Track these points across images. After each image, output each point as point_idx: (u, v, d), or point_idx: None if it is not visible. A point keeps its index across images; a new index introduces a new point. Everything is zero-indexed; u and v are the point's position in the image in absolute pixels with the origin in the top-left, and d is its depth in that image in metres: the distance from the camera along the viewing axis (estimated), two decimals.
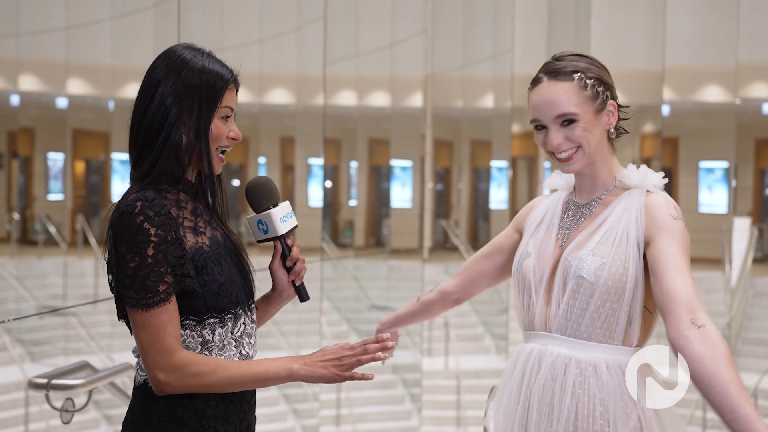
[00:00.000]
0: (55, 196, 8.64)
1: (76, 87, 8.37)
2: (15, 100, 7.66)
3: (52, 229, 8.39)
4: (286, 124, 9.13)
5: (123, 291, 1.80)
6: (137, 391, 1.89)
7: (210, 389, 1.82)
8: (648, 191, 2.08)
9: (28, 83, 7.89)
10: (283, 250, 2.00)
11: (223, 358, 1.88)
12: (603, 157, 2.11)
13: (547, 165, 11.13)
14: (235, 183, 9.26)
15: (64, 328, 7.71)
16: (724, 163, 8.95)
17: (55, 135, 8.42)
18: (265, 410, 7.62)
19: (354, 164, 10.19)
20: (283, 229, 1.98)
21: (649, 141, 9.65)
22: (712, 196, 9.03)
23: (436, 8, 10.53)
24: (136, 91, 1.92)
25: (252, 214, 1.99)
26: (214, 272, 1.86)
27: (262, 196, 1.98)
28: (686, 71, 8.99)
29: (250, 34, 8.25)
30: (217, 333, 1.87)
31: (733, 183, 8.72)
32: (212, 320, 1.86)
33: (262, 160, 9.14)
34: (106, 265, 1.86)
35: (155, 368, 1.79)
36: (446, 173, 11.50)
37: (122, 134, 1.92)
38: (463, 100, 10.92)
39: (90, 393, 3.20)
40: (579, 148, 2.06)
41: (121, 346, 7.60)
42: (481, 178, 11.05)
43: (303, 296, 2.03)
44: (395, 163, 10.46)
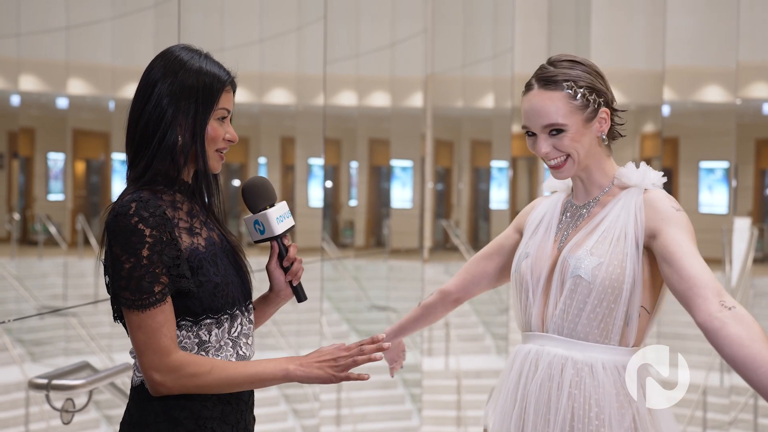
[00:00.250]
0: (56, 197, 8.64)
1: (77, 87, 8.37)
2: (15, 100, 7.66)
3: (53, 230, 8.39)
4: (286, 124, 9.13)
5: (118, 292, 1.80)
6: (134, 392, 1.89)
7: (206, 390, 1.82)
8: (646, 189, 2.08)
9: (29, 83, 7.89)
10: (280, 251, 2.00)
11: (220, 358, 1.88)
12: (597, 160, 2.11)
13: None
14: (236, 183, 9.25)
15: (65, 329, 7.71)
16: (725, 164, 8.95)
17: (56, 135, 8.42)
18: (265, 410, 7.62)
19: (354, 164, 10.19)
20: (279, 230, 1.97)
21: (650, 141, 9.64)
22: (713, 196, 9.03)
23: (436, 8, 10.52)
24: None
25: (249, 215, 1.99)
26: (210, 273, 1.86)
27: (258, 197, 1.98)
28: (686, 71, 8.98)
29: (250, 34, 8.25)
30: (213, 333, 1.87)
31: (734, 183, 8.72)
32: (208, 321, 1.86)
33: (263, 160, 9.13)
34: (103, 267, 1.86)
35: (151, 369, 1.79)
36: (446, 173, 11.50)
37: (122, 134, 1.92)
38: (463, 100, 10.92)
39: (90, 393, 3.20)
40: (568, 156, 2.07)
41: (121, 347, 7.60)
42: (481, 178, 11.04)
43: (300, 296, 2.03)
44: (395, 163, 10.46)
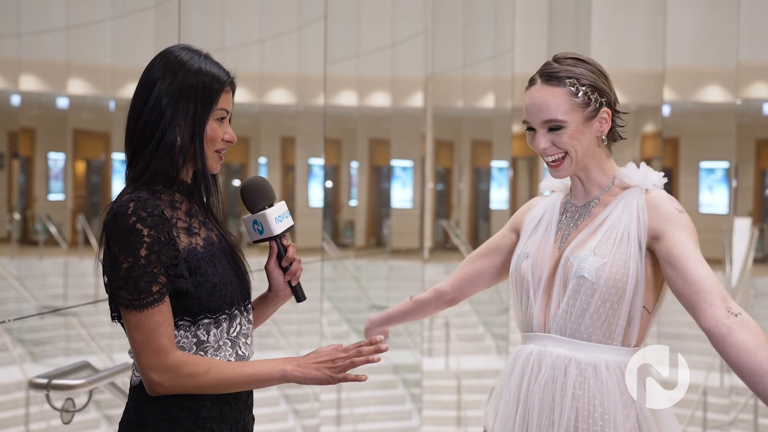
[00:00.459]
0: (56, 196, 8.64)
1: (77, 87, 8.37)
2: (15, 100, 7.66)
3: (53, 229, 8.39)
4: (286, 124, 9.13)
5: (116, 292, 1.80)
6: (133, 392, 1.89)
7: (203, 390, 1.82)
8: (647, 190, 2.07)
9: (29, 83, 7.89)
10: (279, 251, 1.99)
11: (219, 358, 1.88)
12: (596, 160, 2.10)
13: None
14: (236, 183, 9.25)
15: (65, 329, 7.71)
16: (725, 164, 8.95)
17: (56, 135, 8.42)
18: (265, 410, 7.61)
19: (354, 164, 10.19)
20: (278, 230, 1.97)
21: (650, 141, 9.65)
22: (713, 197, 9.03)
23: (437, 8, 10.52)
24: None
25: (248, 215, 1.99)
26: (208, 273, 1.86)
27: (257, 197, 1.98)
28: (687, 71, 8.98)
29: (251, 34, 8.25)
30: (212, 333, 1.87)
31: (734, 183, 8.72)
32: (206, 321, 1.86)
33: (263, 161, 9.13)
34: (102, 266, 1.86)
35: (149, 369, 1.79)
36: (447, 173, 11.49)
37: (123, 134, 1.92)
38: (463, 100, 10.92)
39: (90, 393, 3.20)
40: (566, 154, 2.07)
41: (121, 346, 7.60)
42: (481, 179, 11.04)
43: (299, 296, 2.03)
44: (396, 163, 10.46)
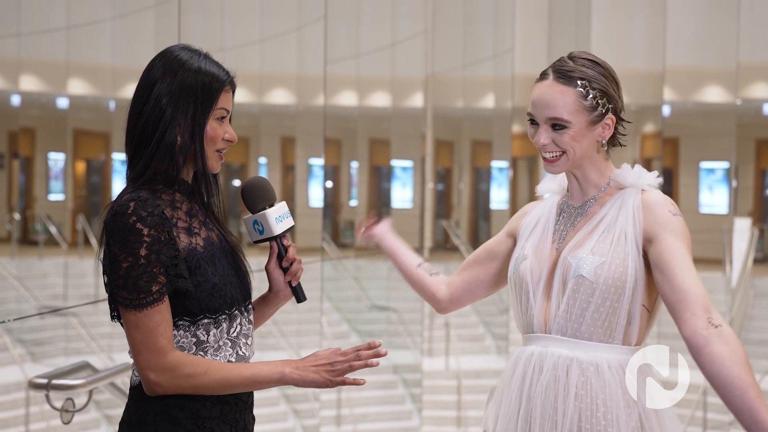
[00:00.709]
0: (56, 197, 8.64)
1: (77, 87, 8.37)
2: (16, 100, 7.66)
3: (53, 230, 8.39)
4: (286, 124, 9.13)
5: (116, 291, 1.80)
6: (133, 392, 1.89)
7: (202, 390, 1.82)
8: (643, 190, 2.07)
9: (29, 83, 7.89)
10: (279, 251, 1.99)
11: (219, 359, 1.87)
12: (593, 161, 2.10)
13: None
14: (236, 183, 9.25)
15: (65, 329, 7.71)
16: (725, 164, 8.95)
17: (56, 135, 8.42)
18: (266, 410, 7.61)
19: (354, 164, 10.19)
20: (278, 230, 1.97)
21: (650, 141, 9.64)
22: (713, 197, 9.03)
23: (437, 8, 10.52)
24: None
25: (248, 215, 1.98)
26: (208, 273, 1.86)
27: (257, 197, 1.98)
28: (687, 71, 8.98)
29: (251, 34, 8.25)
30: (211, 334, 1.87)
31: (734, 183, 8.72)
32: (206, 321, 1.86)
33: (263, 161, 9.13)
34: (102, 266, 1.86)
35: (147, 369, 1.79)
36: (447, 173, 11.49)
37: (123, 134, 1.92)
38: (463, 101, 10.92)
39: (90, 393, 3.20)
40: (564, 153, 2.07)
41: (121, 347, 7.59)
42: (481, 179, 11.04)
43: (299, 297, 2.02)
44: (396, 163, 10.45)
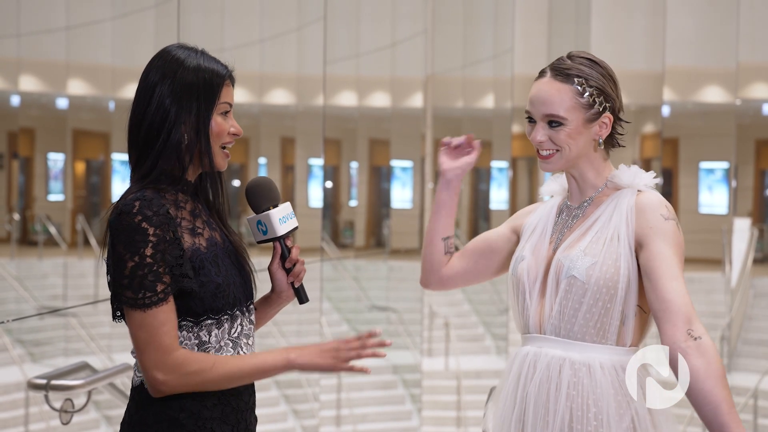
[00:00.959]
0: (56, 197, 8.64)
1: (77, 87, 8.37)
2: (15, 100, 7.66)
3: (53, 230, 8.39)
4: (286, 125, 9.13)
5: (120, 291, 1.79)
6: (134, 393, 1.88)
7: (209, 386, 1.81)
8: (639, 191, 2.07)
9: (29, 83, 7.89)
10: (283, 252, 1.99)
11: None
12: (590, 161, 2.10)
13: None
14: (236, 183, 9.25)
15: (65, 329, 7.71)
16: (725, 164, 8.95)
17: (56, 135, 8.42)
18: (265, 411, 7.61)
19: (354, 164, 10.19)
20: (282, 231, 1.96)
21: (650, 141, 9.65)
22: (713, 197, 9.04)
23: (437, 8, 10.52)
24: None
25: (252, 215, 1.98)
26: (211, 273, 1.85)
27: (261, 197, 1.97)
28: (686, 72, 8.99)
29: (251, 34, 8.25)
30: (213, 334, 1.86)
31: (733, 183, 8.72)
32: (209, 321, 1.86)
33: (263, 161, 9.14)
34: (106, 265, 1.85)
35: (153, 368, 1.78)
36: None
37: (122, 135, 1.92)
38: (463, 101, 10.92)
39: (89, 394, 3.19)
40: (559, 150, 2.07)
41: (121, 347, 7.59)
42: (481, 179, 11.04)
43: (302, 298, 2.02)
44: (395, 163, 10.46)
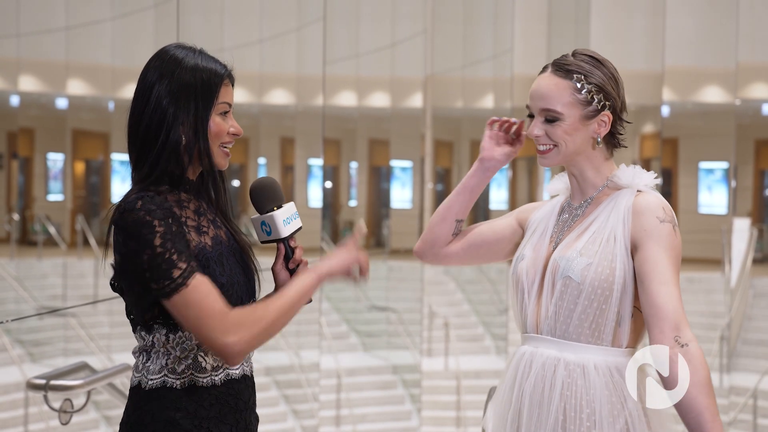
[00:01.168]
0: (55, 197, 8.64)
1: (76, 87, 8.37)
2: (15, 100, 7.66)
3: (52, 230, 8.39)
4: (286, 125, 9.13)
5: (148, 285, 1.75)
6: (132, 393, 1.87)
7: (273, 328, 1.81)
8: (638, 191, 2.06)
9: (28, 83, 7.89)
10: (286, 252, 1.99)
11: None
12: (589, 159, 2.09)
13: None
14: (235, 183, 9.25)
15: (64, 329, 7.71)
16: (724, 164, 8.95)
17: (55, 135, 8.42)
18: (265, 411, 7.61)
19: (354, 165, 10.19)
20: (286, 231, 1.97)
21: (649, 141, 9.64)
22: (712, 197, 9.04)
23: (436, 8, 10.52)
24: None
25: (256, 215, 1.98)
26: (216, 273, 1.84)
27: (266, 198, 1.97)
28: (686, 72, 8.99)
29: (250, 34, 8.25)
30: None
31: (733, 183, 8.72)
32: None
33: (262, 161, 9.14)
34: (113, 269, 1.83)
35: (221, 335, 1.75)
36: (446, 174, 11.50)
37: (122, 135, 1.91)
38: (463, 101, 10.92)
39: (89, 394, 3.19)
40: (556, 146, 2.06)
41: (120, 347, 7.60)
42: None
43: None
44: (395, 163, 10.46)
